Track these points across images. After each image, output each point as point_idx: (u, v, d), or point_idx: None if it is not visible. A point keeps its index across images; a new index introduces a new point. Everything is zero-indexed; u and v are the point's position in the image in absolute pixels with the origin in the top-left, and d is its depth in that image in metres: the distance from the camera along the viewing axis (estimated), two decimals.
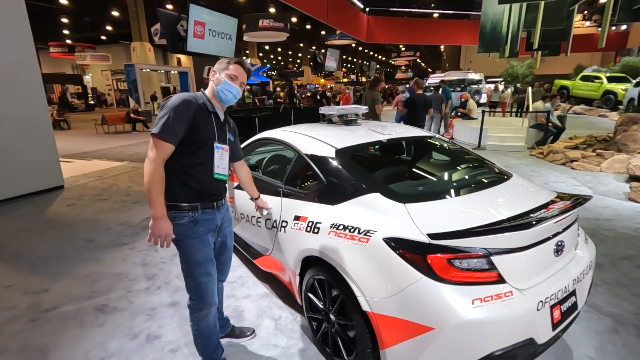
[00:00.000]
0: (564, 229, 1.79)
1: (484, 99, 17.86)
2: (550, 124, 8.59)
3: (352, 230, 1.82)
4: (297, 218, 2.22)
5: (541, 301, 1.57)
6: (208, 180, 1.77)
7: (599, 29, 26.36)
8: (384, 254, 1.66)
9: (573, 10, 9.93)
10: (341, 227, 1.88)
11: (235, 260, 3.31)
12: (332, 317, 1.99)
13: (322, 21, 16.63)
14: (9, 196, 5.15)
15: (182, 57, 28.10)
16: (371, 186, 1.98)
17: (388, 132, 2.63)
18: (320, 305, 2.08)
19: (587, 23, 26.45)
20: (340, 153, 2.25)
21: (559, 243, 1.74)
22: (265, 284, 2.91)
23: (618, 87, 15.94)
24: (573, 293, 1.76)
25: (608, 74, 17.29)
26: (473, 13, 23.31)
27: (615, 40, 24.62)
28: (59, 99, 23.49)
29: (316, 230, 2.02)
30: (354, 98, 17.64)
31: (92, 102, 28.00)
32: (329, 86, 26.29)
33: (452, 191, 2.03)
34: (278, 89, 21.04)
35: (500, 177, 2.28)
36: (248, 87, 19.28)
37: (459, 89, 17.75)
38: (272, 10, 19.04)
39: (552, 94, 10.30)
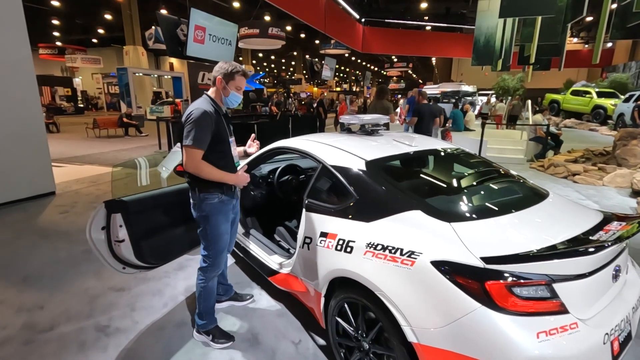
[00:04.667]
0: (619, 253, 1.68)
1: (476, 110, 18.05)
2: (549, 137, 8.64)
3: (392, 251, 1.67)
4: (324, 235, 2.06)
5: (607, 333, 1.44)
6: (231, 170, 2.14)
7: (587, 46, 27.18)
8: (433, 279, 1.52)
9: (567, 26, 10.11)
10: (379, 247, 1.73)
11: (245, 277, 3.13)
12: (365, 344, 1.83)
13: (319, 30, 16.59)
14: None
15: (175, 61, 27.78)
16: (410, 202, 1.83)
17: (415, 143, 2.51)
18: (351, 331, 1.92)
19: (575, 39, 27.15)
20: (371, 165, 2.11)
21: (617, 268, 1.63)
22: (280, 302, 2.73)
23: (608, 102, 16.25)
24: (629, 322, 1.64)
25: (597, 90, 17.65)
26: (465, 27, 23.61)
27: (602, 56, 25.21)
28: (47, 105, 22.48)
29: (349, 249, 1.87)
30: (349, 106, 17.61)
31: (81, 105, 27.43)
32: (324, 94, 26.25)
33: (497, 209, 1.89)
34: (275, 96, 20.85)
35: (540, 193, 2.16)
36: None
37: (453, 100, 17.88)
38: (267, 18, 18.96)
39: (543, 107, 10.48)
